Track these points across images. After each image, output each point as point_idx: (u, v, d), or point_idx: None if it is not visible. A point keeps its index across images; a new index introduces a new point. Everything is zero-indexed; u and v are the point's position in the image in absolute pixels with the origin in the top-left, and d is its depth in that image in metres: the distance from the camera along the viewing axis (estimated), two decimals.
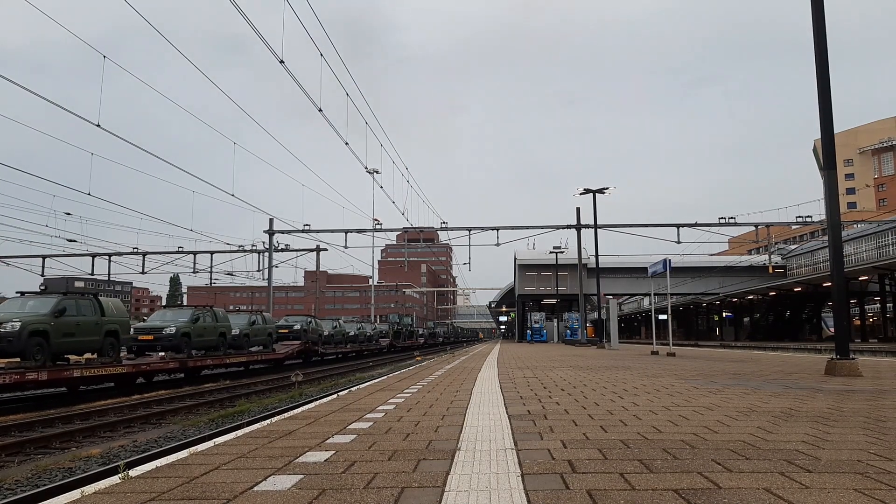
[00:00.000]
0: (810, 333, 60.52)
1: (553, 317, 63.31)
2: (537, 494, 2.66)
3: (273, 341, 28.20)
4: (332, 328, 37.44)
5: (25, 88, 16.83)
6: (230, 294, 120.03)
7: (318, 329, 34.15)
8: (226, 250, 45.28)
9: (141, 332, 20.70)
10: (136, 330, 20.76)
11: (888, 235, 53.38)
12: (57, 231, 46.41)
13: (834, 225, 10.78)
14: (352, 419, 5.19)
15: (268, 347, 27.51)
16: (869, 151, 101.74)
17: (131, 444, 9.92)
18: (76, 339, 16.29)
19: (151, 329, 20.86)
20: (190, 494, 2.75)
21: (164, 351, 20.68)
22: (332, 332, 36.93)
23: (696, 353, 21.64)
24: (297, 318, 33.82)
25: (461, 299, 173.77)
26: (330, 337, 36.11)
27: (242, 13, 14.76)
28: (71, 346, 16.23)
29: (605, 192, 36.60)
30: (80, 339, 16.41)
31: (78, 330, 16.28)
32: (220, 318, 23.73)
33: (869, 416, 5.05)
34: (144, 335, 20.60)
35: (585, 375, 10.38)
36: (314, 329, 33.15)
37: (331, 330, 36.95)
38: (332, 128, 22.82)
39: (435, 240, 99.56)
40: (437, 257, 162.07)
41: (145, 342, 20.50)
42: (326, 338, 35.20)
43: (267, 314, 29.86)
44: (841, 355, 10.11)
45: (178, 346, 20.48)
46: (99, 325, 17.04)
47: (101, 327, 17.11)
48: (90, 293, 17.71)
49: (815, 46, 10.71)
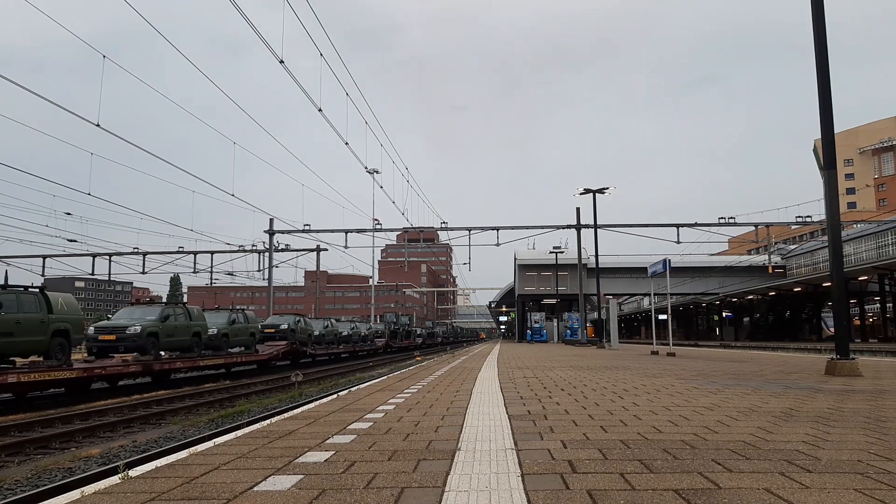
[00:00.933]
0: (810, 333, 60.50)
1: (553, 317, 63.33)
2: (537, 494, 2.66)
3: (256, 342, 26.46)
4: (323, 328, 35.79)
5: (25, 88, 16.85)
6: (230, 294, 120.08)
7: (308, 329, 32.56)
8: (226, 250, 45.35)
9: (102, 332, 18.75)
10: (97, 329, 18.99)
11: (888, 235, 53.37)
12: (57, 231, 46.57)
13: (834, 225, 10.78)
14: (352, 419, 5.18)
15: (250, 348, 25.77)
16: (869, 151, 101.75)
17: (131, 444, 9.92)
18: (15, 340, 14.57)
19: (114, 328, 18.91)
20: (190, 494, 2.75)
21: (127, 352, 18.82)
22: (324, 333, 35.40)
23: (696, 353, 21.64)
24: (285, 317, 32.06)
25: (461, 299, 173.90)
26: (321, 337, 34.58)
27: (242, 13, 14.77)
28: (8, 347, 14.53)
29: (605, 192, 36.61)
30: (20, 339, 14.68)
31: (18, 329, 14.59)
32: (194, 316, 21.83)
33: (869, 417, 5.05)
34: (106, 335, 18.61)
35: (585, 375, 10.38)
36: (303, 329, 31.62)
37: (322, 330, 35.34)
38: (332, 128, 22.84)
39: (435, 240, 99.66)
40: (437, 257, 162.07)
41: (107, 343, 18.52)
42: (317, 338, 33.78)
43: (250, 312, 27.86)
44: (841, 355, 10.10)
45: (143, 347, 18.56)
46: (45, 324, 15.33)
47: (48, 326, 15.41)
48: (36, 288, 15.96)
49: (815, 46, 10.71)
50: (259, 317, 31.34)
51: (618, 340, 32.05)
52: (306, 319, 33.32)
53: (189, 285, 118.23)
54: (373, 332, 46.63)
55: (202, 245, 71.40)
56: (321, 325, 36.01)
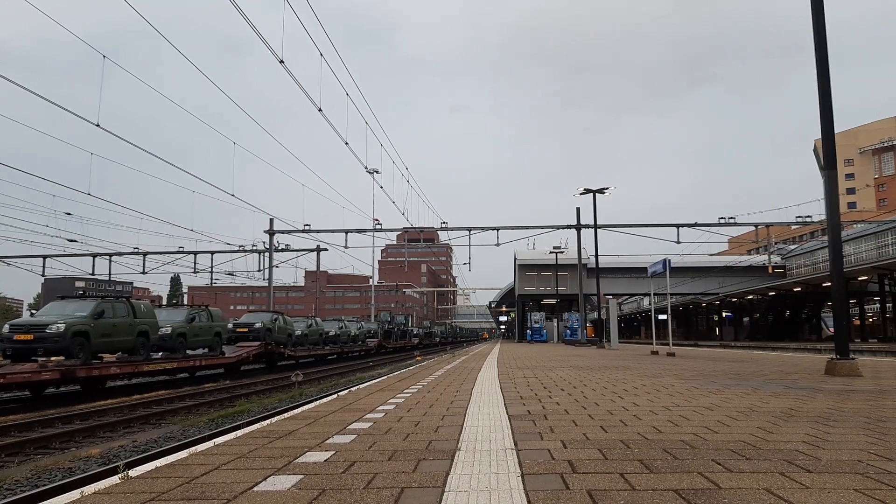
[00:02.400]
0: (810, 333, 60.49)
1: (553, 317, 63.32)
2: (537, 494, 2.65)
3: (222, 342, 23.82)
4: (306, 327, 32.88)
5: (26, 88, 16.84)
6: (231, 294, 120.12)
7: (288, 328, 29.81)
8: (226, 250, 45.33)
9: (18, 331, 16.19)
10: (12, 327, 16.55)
11: (888, 235, 53.37)
12: (57, 231, 46.41)
13: (834, 225, 10.78)
14: (352, 419, 5.18)
15: (215, 350, 23.05)
16: (869, 151, 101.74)
17: (131, 444, 9.92)
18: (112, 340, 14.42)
19: (31, 326, 16.22)
20: (190, 495, 2.75)
21: (48, 355, 15.89)
22: (307, 332, 32.45)
23: (696, 353, 21.63)
24: (261, 314, 29.26)
25: (461, 299, 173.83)
26: (303, 337, 31.74)
27: (242, 13, 14.76)
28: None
29: (604, 192, 36.60)
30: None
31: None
32: (140, 312, 18.70)
33: (869, 417, 5.05)
34: (22, 334, 16.00)
35: (585, 375, 10.38)
36: (282, 328, 28.82)
37: (304, 329, 32.40)
38: (332, 128, 22.84)
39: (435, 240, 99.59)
40: (437, 257, 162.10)
41: (23, 344, 15.81)
42: (299, 338, 31.05)
43: (216, 310, 24.85)
44: (841, 355, 10.10)
45: (67, 350, 15.85)
46: (132, 327, 15.46)
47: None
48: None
49: (816, 46, 10.71)
50: None
51: (618, 340, 32.08)
52: (286, 318, 30.64)
53: (189, 285, 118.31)
54: (364, 332, 43.84)
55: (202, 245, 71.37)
56: (304, 324, 33.23)
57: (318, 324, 35.61)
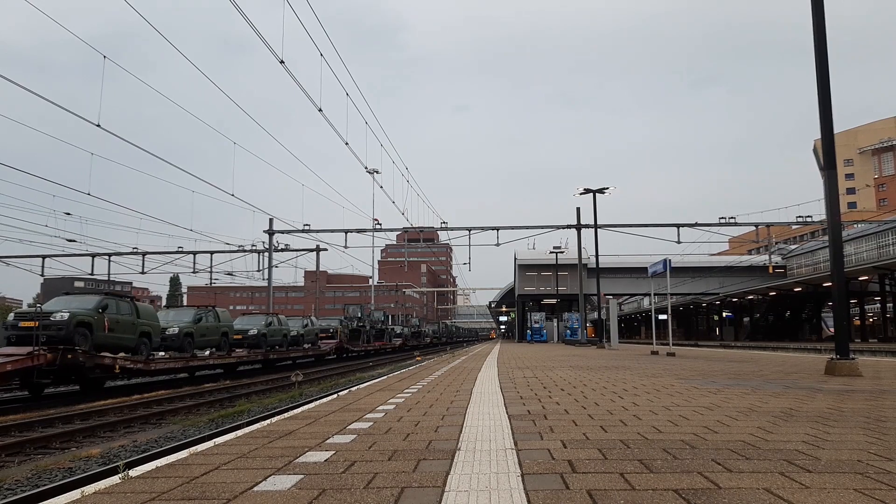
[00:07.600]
0: (810, 333, 60.51)
1: (553, 317, 63.34)
2: (537, 494, 2.66)
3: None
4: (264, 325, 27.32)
5: (26, 88, 16.84)
6: (230, 294, 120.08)
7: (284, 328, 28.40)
8: (226, 250, 45.30)
9: (23, 318, 16.06)
10: (17, 315, 16.41)
11: (888, 235, 53.38)
12: (57, 231, 46.30)
13: (834, 225, 10.78)
14: (352, 419, 5.19)
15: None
16: (869, 151, 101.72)
17: (131, 444, 9.92)
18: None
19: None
20: (190, 494, 2.75)
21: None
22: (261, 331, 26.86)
23: (696, 353, 21.63)
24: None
25: (461, 299, 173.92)
26: None
27: (242, 13, 14.77)
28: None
29: (605, 192, 36.57)
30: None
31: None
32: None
33: (869, 416, 5.05)
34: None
35: (585, 375, 10.38)
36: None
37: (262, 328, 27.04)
38: (332, 128, 22.84)
39: (435, 240, 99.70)
40: (437, 257, 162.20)
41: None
42: None
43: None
44: (841, 355, 10.10)
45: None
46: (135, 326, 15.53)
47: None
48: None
49: (815, 46, 10.71)
50: None
51: (618, 340, 32.06)
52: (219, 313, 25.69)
53: (189, 285, 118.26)
54: (311, 332, 33.09)
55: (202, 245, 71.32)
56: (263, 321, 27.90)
57: (280, 322, 29.61)
